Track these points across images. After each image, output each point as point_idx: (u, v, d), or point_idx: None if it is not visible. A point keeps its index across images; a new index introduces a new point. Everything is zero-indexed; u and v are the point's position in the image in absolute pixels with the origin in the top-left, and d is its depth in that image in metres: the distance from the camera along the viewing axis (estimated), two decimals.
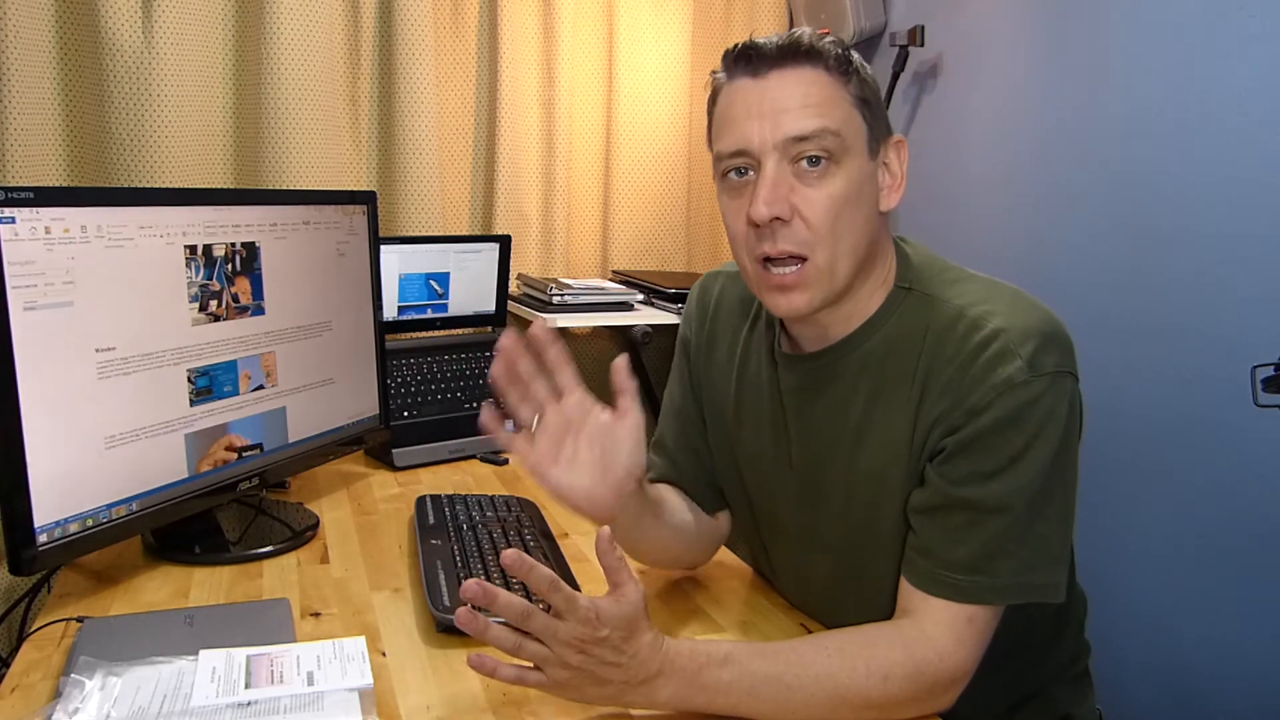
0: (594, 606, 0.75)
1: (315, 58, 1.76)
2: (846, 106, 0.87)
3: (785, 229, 0.85)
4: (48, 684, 0.89)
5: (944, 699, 0.85)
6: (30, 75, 1.55)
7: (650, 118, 2.12)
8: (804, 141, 0.84)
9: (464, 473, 1.60)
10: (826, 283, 0.87)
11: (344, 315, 1.40)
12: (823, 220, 0.85)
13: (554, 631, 0.75)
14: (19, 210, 0.95)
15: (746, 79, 0.87)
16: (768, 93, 0.86)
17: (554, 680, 0.77)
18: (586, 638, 0.75)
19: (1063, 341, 0.86)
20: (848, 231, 0.86)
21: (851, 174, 0.86)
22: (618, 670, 0.77)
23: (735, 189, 0.89)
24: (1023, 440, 0.83)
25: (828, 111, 0.85)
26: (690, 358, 1.10)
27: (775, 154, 0.85)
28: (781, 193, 0.85)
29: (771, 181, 0.85)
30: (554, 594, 0.74)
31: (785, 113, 0.85)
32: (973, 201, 1.82)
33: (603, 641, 0.75)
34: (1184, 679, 1.45)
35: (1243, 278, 1.33)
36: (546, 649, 0.76)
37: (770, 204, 0.84)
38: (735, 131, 0.87)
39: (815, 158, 0.85)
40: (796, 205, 0.85)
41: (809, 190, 0.85)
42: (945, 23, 1.86)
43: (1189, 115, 1.40)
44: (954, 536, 0.85)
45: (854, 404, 0.92)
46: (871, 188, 0.89)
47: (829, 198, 0.85)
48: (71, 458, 1.02)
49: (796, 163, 0.85)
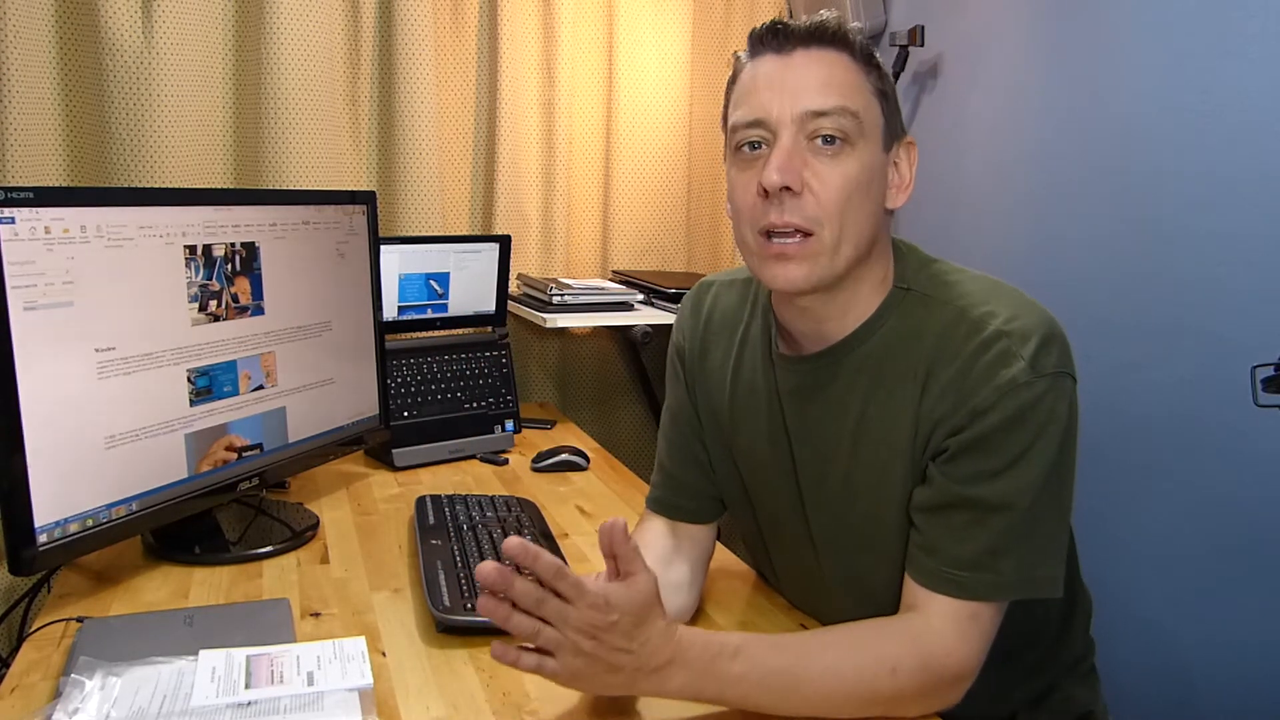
0: (603, 592, 0.75)
1: (315, 58, 1.76)
2: (867, 94, 0.87)
3: (794, 200, 0.85)
4: (48, 684, 0.90)
5: (950, 694, 0.86)
6: (30, 75, 1.55)
7: (650, 118, 2.12)
8: (822, 117, 0.84)
9: (464, 473, 1.60)
10: (828, 260, 0.86)
11: (344, 315, 1.40)
12: (833, 197, 0.85)
13: (565, 616, 0.74)
14: (19, 210, 0.95)
15: (771, 55, 0.87)
16: (791, 70, 0.86)
17: (568, 669, 0.76)
18: (598, 623, 0.74)
19: (1061, 341, 0.86)
20: (854, 215, 0.86)
21: (865, 159, 0.86)
22: (629, 657, 0.76)
23: (747, 161, 0.88)
24: (1026, 439, 0.84)
25: (848, 94, 0.85)
26: (685, 364, 1.09)
27: (792, 127, 0.85)
28: (795, 164, 0.85)
29: (787, 151, 0.85)
30: (561, 580, 0.74)
31: (807, 89, 0.85)
32: (973, 201, 1.82)
33: (613, 627, 0.75)
34: (1184, 679, 1.45)
35: (1243, 278, 1.33)
36: (561, 635, 0.75)
37: (783, 171, 0.84)
38: (754, 101, 0.87)
39: (831, 136, 0.85)
40: (808, 180, 0.85)
41: (822, 166, 0.85)
42: (945, 23, 1.86)
43: (1189, 115, 1.40)
44: (958, 534, 0.86)
45: (853, 404, 0.92)
46: (882, 181, 0.89)
47: (842, 175, 0.85)
48: (71, 458, 1.02)
49: (812, 139, 0.85)
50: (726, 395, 1.04)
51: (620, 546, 0.76)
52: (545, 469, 1.62)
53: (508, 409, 1.74)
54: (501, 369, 1.77)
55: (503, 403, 1.74)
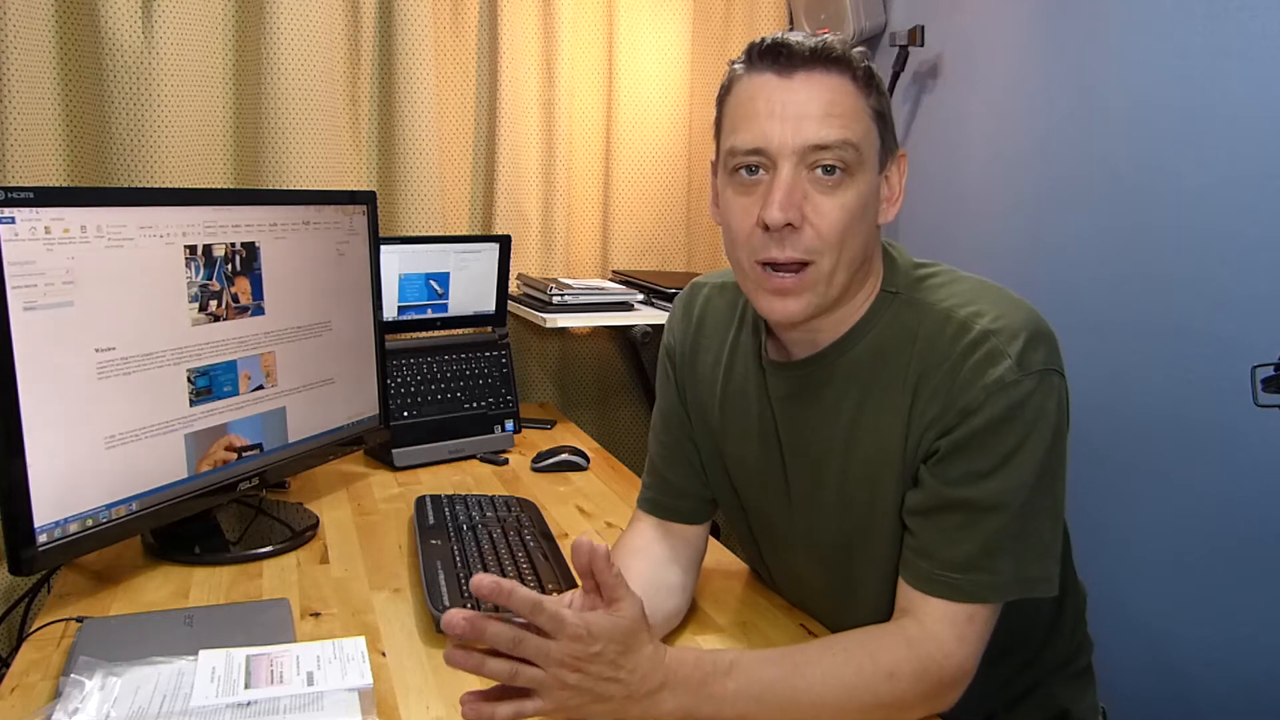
0: (584, 623, 0.73)
1: (315, 58, 1.76)
2: (866, 120, 0.86)
3: (794, 235, 0.85)
4: (47, 684, 0.90)
5: (947, 698, 0.86)
6: (30, 75, 1.55)
7: (650, 118, 2.12)
8: (823, 150, 0.84)
9: (464, 473, 1.60)
10: (824, 289, 0.87)
11: (344, 315, 1.40)
12: (833, 229, 0.85)
13: (546, 652, 0.72)
14: (19, 210, 0.95)
15: (771, 75, 0.86)
16: (793, 94, 0.84)
17: (554, 703, 0.74)
18: (580, 655, 0.72)
19: (1049, 339, 0.86)
20: (851, 242, 0.86)
21: (862, 187, 0.86)
22: (618, 685, 0.75)
23: (744, 186, 0.87)
24: (1015, 439, 0.84)
25: (849, 124, 0.84)
26: (675, 366, 1.09)
27: (793, 158, 0.84)
28: (796, 199, 0.84)
29: (788, 186, 0.84)
30: (539, 615, 0.71)
31: (808, 119, 0.84)
32: (972, 201, 1.82)
33: (597, 657, 0.73)
34: (1184, 679, 1.45)
35: (1243, 278, 1.33)
36: (542, 672, 0.73)
37: (785, 209, 0.83)
38: (754, 129, 0.85)
39: (831, 167, 0.84)
40: (808, 213, 0.85)
41: (822, 199, 0.85)
42: (945, 23, 1.86)
43: (1188, 115, 1.40)
44: (951, 536, 0.85)
45: (844, 409, 0.92)
46: (875, 201, 0.89)
47: (841, 208, 0.85)
48: (71, 458, 1.02)
49: (812, 170, 0.85)
50: (717, 400, 1.04)
51: (604, 574, 0.74)
52: (545, 469, 1.62)
53: (508, 409, 1.74)
54: (501, 369, 1.77)
55: (502, 403, 1.74)
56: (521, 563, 1.13)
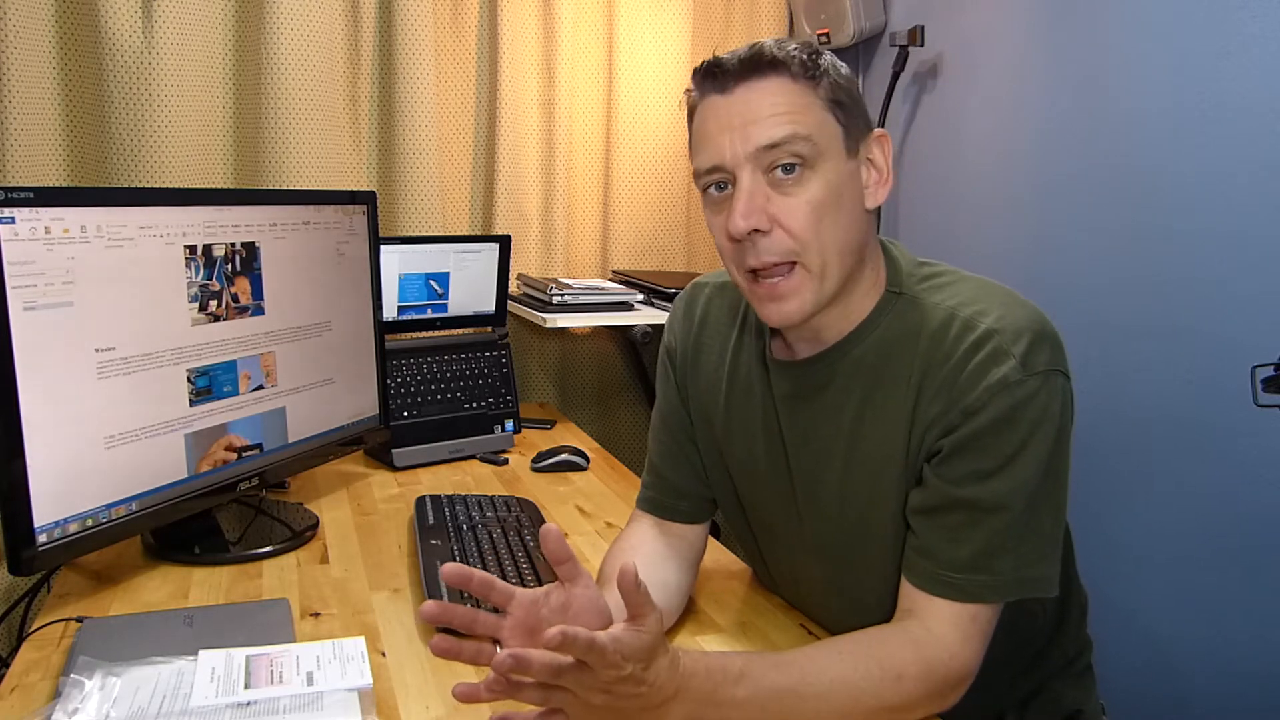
0: (618, 648, 0.72)
1: (315, 58, 1.76)
2: (818, 111, 0.86)
3: (765, 239, 0.86)
4: (47, 684, 0.90)
5: (953, 696, 0.86)
6: (30, 75, 1.55)
7: (650, 118, 2.12)
8: (775, 149, 0.84)
9: (464, 473, 1.60)
10: (817, 285, 0.87)
11: (344, 315, 1.40)
12: (803, 227, 0.85)
13: (583, 681, 0.72)
14: (19, 210, 0.95)
15: (715, 95, 0.88)
16: (735, 106, 0.86)
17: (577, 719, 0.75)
18: (612, 679, 0.72)
19: (1053, 339, 0.86)
20: (832, 233, 0.86)
21: (829, 177, 0.86)
22: (636, 699, 0.75)
23: (716, 204, 0.90)
24: (1019, 439, 0.84)
25: (797, 118, 0.85)
26: (676, 366, 1.09)
27: (749, 165, 0.85)
28: (758, 204, 0.85)
29: (747, 194, 0.85)
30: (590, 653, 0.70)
31: (754, 124, 0.85)
32: (972, 201, 1.82)
33: (626, 678, 0.73)
34: (1184, 678, 1.45)
35: (1243, 278, 1.33)
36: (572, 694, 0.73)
37: (746, 216, 0.84)
38: (709, 147, 0.88)
39: (789, 165, 0.85)
40: (775, 215, 0.85)
41: (786, 199, 0.85)
42: (945, 23, 1.86)
43: (1189, 115, 1.40)
44: (954, 536, 0.86)
45: (848, 408, 0.92)
46: (854, 187, 0.89)
47: (807, 204, 0.85)
48: (71, 458, 1.02)
49: (770, 172, 0.85)
50: (721, 400, 1.04)
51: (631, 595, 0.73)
52: (545, 469, 1.62)
53: (507, 409, 1.74)
54: (501, 369, 1.77)
55: (502, 403, 1.74)
56: (521, 563, 1.13)
